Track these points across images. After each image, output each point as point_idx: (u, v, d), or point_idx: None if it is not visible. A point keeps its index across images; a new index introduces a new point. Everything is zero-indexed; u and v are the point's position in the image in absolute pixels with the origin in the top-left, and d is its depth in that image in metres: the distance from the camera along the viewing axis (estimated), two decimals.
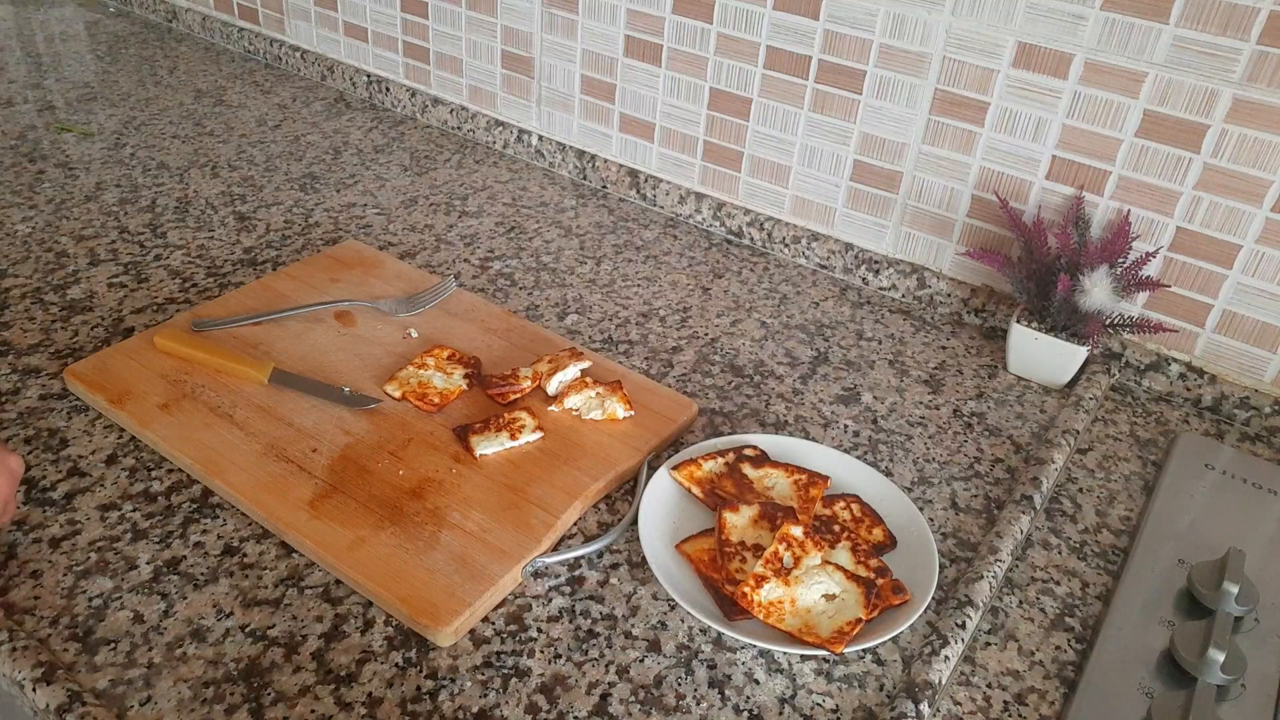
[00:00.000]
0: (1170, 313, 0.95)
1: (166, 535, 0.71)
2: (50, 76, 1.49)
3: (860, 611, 0.65)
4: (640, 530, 0.70)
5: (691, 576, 0.69)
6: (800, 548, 0.68)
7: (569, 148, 1.30)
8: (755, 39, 1.08)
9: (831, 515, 0.74)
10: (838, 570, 0.68)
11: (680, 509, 0.75)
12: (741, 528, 0.71)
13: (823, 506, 0.75)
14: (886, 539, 0.73)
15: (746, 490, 0.75)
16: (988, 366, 0.99)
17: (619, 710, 0.62)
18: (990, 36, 0.93)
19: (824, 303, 1.07)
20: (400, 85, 1.45)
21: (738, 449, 0.79)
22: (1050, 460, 0.84)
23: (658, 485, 0.75)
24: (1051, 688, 0.66)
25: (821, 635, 0.63)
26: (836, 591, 0.66)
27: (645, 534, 0.70)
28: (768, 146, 1.13)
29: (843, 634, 0.63)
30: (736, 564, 0.68)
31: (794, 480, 0.77)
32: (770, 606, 0.65)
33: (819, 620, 0.65)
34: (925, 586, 0.68)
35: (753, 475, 0.77)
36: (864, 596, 0.66)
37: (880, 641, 0.61)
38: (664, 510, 0.74)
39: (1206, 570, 0.73)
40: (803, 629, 0.64)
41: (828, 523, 0.73)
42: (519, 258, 1.11)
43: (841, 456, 0.80)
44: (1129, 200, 0.93)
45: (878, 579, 0.68)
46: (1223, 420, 0.94)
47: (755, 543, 0.70)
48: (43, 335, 0.91)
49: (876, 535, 0.73)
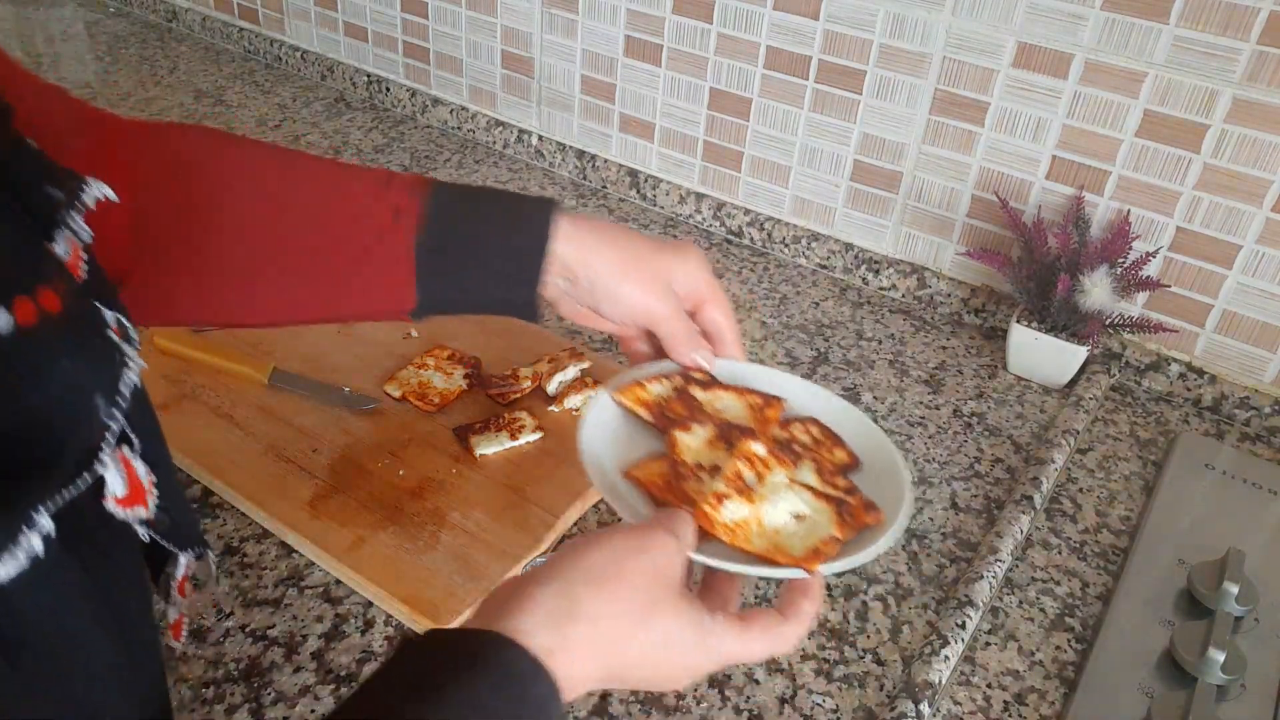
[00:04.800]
0: (1170, 313, 0.95)
1: None
2: (50, 76, 1.49)
3: (834, 529, 0.59)
4: (583, 459, 0.61)
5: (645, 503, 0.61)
6: (764, 465, 0.62)
7: (569, 148, 1.30)
8: (755, 39, 1.08)
9: (790, 437, 0.67)
10: (805, 489, 0.61)
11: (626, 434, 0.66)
12: (696, 449, 0.64)
13: (780, 429, 0.68)
14: (850, 459, 0.67)
15: (698, 413, 0.68)
16: (988, 366, 0.99)
17: (619, 710, 0.62)
18: (990, 36, 0.93)
19: (824, 303, 1.07)
20: (400, 85, 1.45)
21: (683, 371, 0.71)
22: (1050, 460, 0.84)
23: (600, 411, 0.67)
24: (1051, 688, 0.66)
25: (794, 555, 0.57)
26: (806, 510, 0.60)
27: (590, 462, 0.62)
28: (768, 146, 1.13)
29: (818, 553, 0.57)
30: (694, 484, 0.61)
31: (748, 402, 0.70)
32: (735, 527, 0.58)
33: (789, 541, 0.58)
34: (897, 504, 0.61)
35: (703, 398, 0.69)
36: (836, 514, 0.60)
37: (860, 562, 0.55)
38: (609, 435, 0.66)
39: (1206, 570, 0.73)
40: (772, 549, 0.57)
41: (787, 444, 0.66)
42: None
43: (792, 378, 0.73)
44: (1129, 200, 0.93)
45: (848, 497, 0.62)
46: (1223, 420, 0.94)
47: (713, 464, 0.63)
48: None
49: (839, 456, 0.67)
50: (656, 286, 0.63)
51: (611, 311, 0.63)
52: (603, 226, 0.62)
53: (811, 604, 0.50)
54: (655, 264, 0.63)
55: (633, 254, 0.62)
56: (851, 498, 0.61)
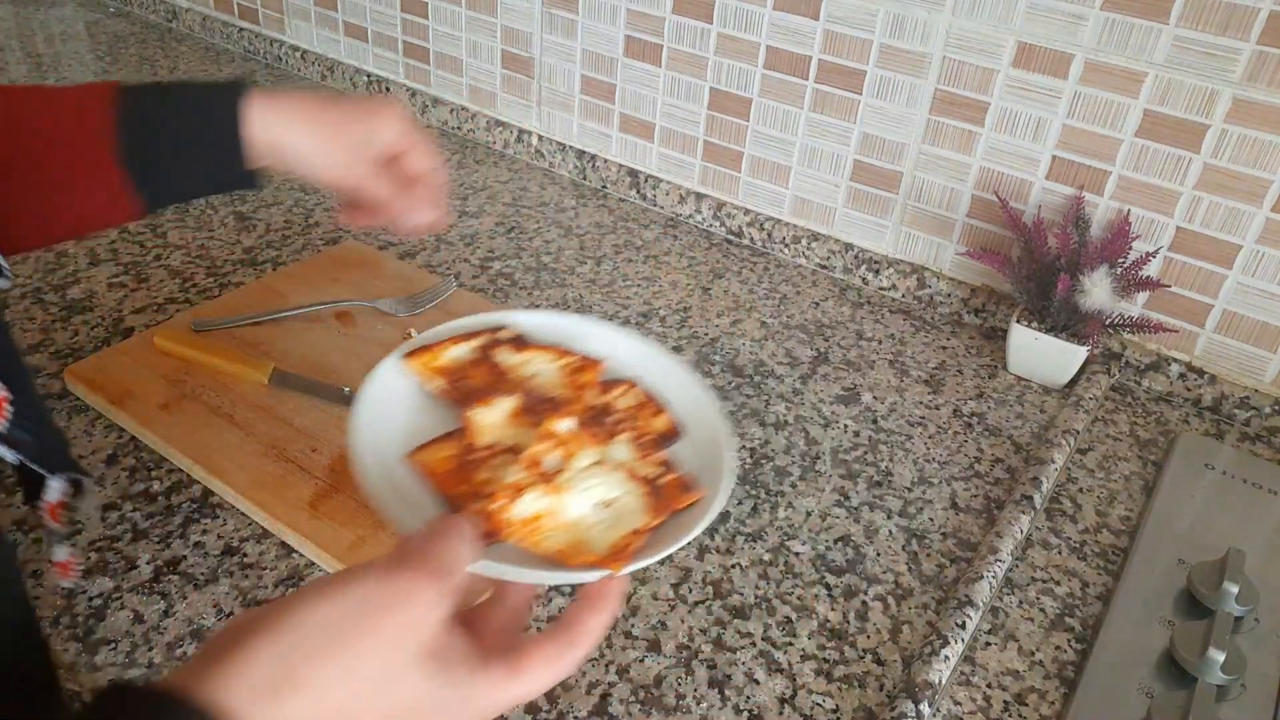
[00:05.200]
0: (1170, 313, 0.95)
1: (166, 535, 0.71)
2: (50, 76, 1.49)
3: (643, 518, 0.51)
4: (352, 439, 0.53)
5: (429, 497, 0.53)
6: (570, 445, 0.54)
7: (569, 148, 1.30)
8: (755, 39, 1.08)
9: (607, 404, 0.60)
10: (617, 469, 0.54)
11: (416, 409, 0.59)
12: (496, 427, 0.57)
13: (598, 394, 0.61)
14: (671, 428, 0.60)
15: (502, 381, 0.60)
16: (988, 366, 0.99)
17: (619, 710, 0.62)
18: (990, 36, 0.93)
19: (824, 303, 1.07)
20: (400, 85, 1.45)
21: (492, 329, 0.64)
22: (1050, 460, 0.84)
23: (384, 381, 0.59)
24: (1051, 688, 0.66)
25: (594, 554, 0.49)
26: (615, 495, 0.53)
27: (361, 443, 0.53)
28: (768, 146, 1.13)
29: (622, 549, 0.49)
30: (486, 473, 0.53)
31: (562, 365, 0.62)
32: (526, 525, 0.50)
33: (591, 535, 0.50)
34: (717, 480, 0.54)
35: (510, 362, 0.62)
36: (648, 498, 0.53)
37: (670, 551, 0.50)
38: (392, 411, 0.58)
39: (1206, 570, 0.73)
40: (570, 549, 0.49)
41: (601, 413, 0.59)
42: (519, 258, 1.11)
43: (620, 333, 0.66)
44: (1129, 200, 0.93)
45: (664, 475, 0.55)
46: (1223, 420, 0.94)
47: (514, 444, 0.55)
48: (43, 335, 0.91)
49: (660, 424, 0.60)
50: (350, 155, 0.65)
51: (315, 175, 0.65)
52: (296, 101, 0.64)
53: (601, 618, 0.44)
54: (350, 132, 0.65)
55: (327, 126, 0.64)
56: (667, 476, 0.55)
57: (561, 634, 0.42)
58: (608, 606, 0.44)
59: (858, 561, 0.74)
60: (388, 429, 0.56)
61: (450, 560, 0.39)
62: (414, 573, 0.38)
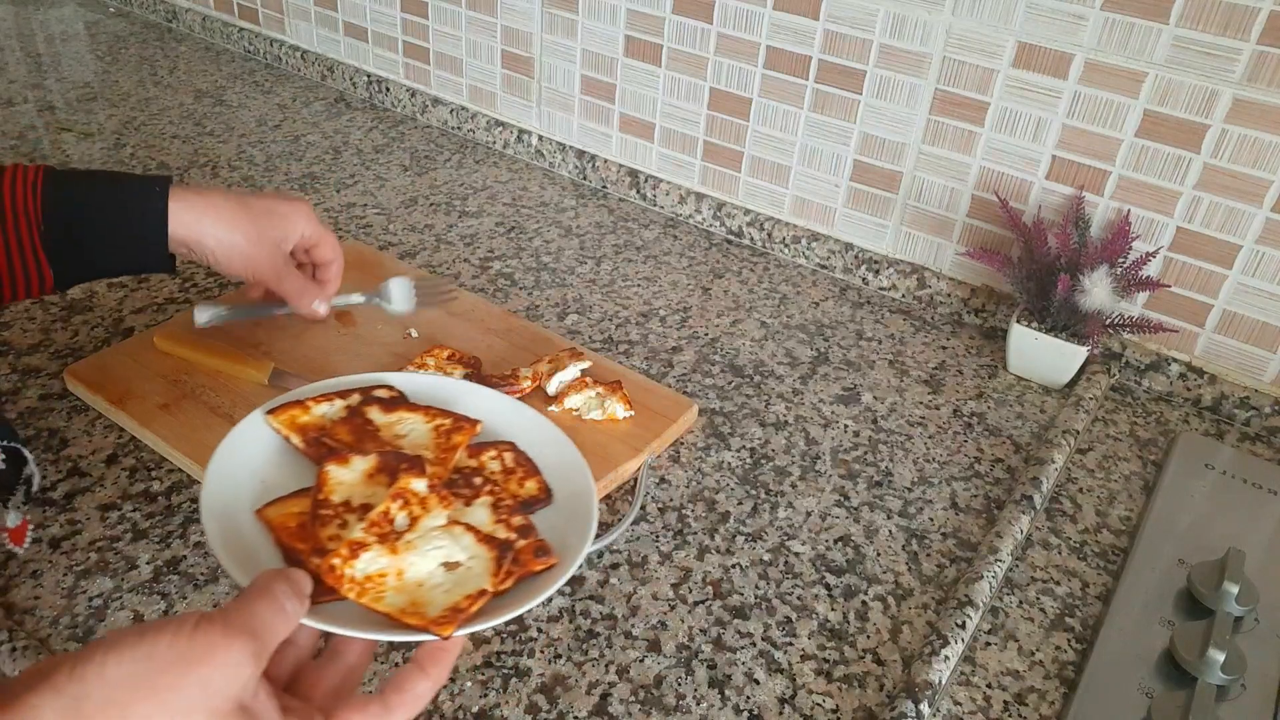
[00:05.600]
0: (1170, 313, 0.95)
1: (166, 535, 0.71)
2: (50, 76, 1.49)
3: (487, 581, 0.51)
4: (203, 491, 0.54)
5: (271, 549, 0.54)
6: (421, 505, 0.54)
7: (569, 148, 1.30)
8: (755, 39, 1.08)
9: (478, 466, 0.61)
10: (468, 532, 0.54)
11: (276, 464, 0.59)
12: (350, 484, 0.57)
13: (468, 456, 0.62)
14: (541, 492, 0.61)
15: (368, 439, 0.61)
16: (988, 366, 0.99)
17: (619, 710, 0.62)
18: (990, 36, 0.93)
19: (824, 303, 1.07)
20: (400, 85, 1.45)
21: (367, 389, 0.65)
22: (1050, 460, 0.84)
23: (247, 434, 0.60)
24: (1051, 688, 0.66)
25: (428, 616, 0.48)
26: (461, 558, 0.53)
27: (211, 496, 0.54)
28: (768, 146, 1.13)
29: (457, 611, 0.49)
30: (333, 530, 0.54)
31: (434, 426, 0.63)
32: (366, 583, 0.50)
33: (431, 596, 0.50)
34: (575, 549, 0.55)
35: (381, 421, 0.63)
36: (495, 563, 0.52)
37: (506, 617, 0.50)
38: (251, 466, 0.59)
39: (1206, 570, 0.73)
40: (406, 609, 0.49)
41: (469, 475, 0.60)
42: (519, 258, 1.11)
43: (498, 396, 0.67)
44: (1129, 200, 0.93)
45: (518, 540, 0.55)
46: (1223, 420, 0.94)
47: (366, 502, 0.56)
48: (43, 335, 0.91)
49: (530, 488, 0.61)
50: (263, 249, 0.71)
51: (229, 273, 0.72)
52: (212, 199, 0.70)
53: (427, 683, 0.44)
54: (262, 229, 0.72)
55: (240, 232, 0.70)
56: (524, 540, 0.55)
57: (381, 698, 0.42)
58: (435, 672, 0.44)
59: (858, 561, 0.74)
60: (243, 483, 0.57)
61: (266, 620, 0.39)
62: (220, 630, 0.36)
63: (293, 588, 0.41)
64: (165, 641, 0.35)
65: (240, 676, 0.37)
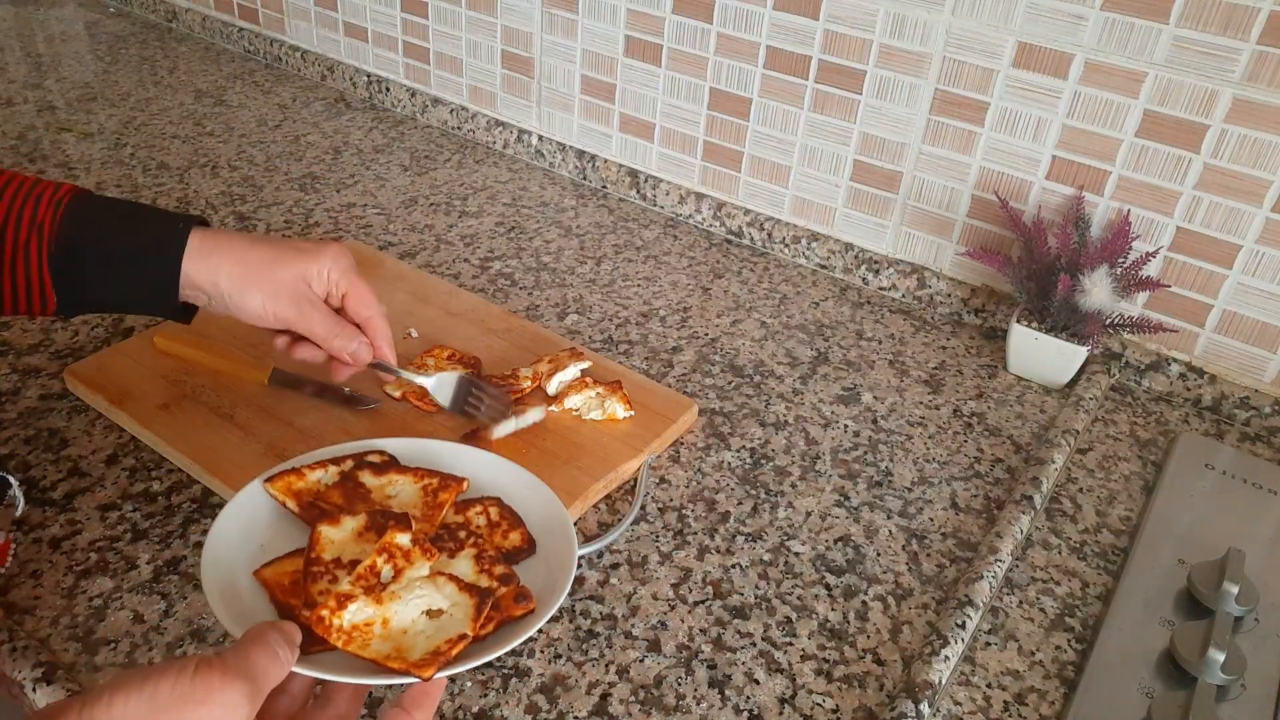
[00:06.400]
0: (1170, 313, 0.95)
1: (166, 535, 0.71)
2: (50, 76, 1.49)
3: (467, 626, 0.55)
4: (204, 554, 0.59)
5: (266, 606, 0.58)
6: (405, 558, 0.58)
7: (569, 148, 1.30)
8: (755, 39, 1.08)
9: (464, 521, 0.65)
10: (450, 582, 0.58)
11: (274, 529, 0.64)
12: (340, 543, 0.61)
13: (455, 513, 0.66)
14: (524, 543, 0.64)
15: (359, 501, 0.65)
16: (988, 366, 0.99)
17: (619, 710, 0.62)
18: (990, 36, 0.93)
19: (824, 303, 1.07)
20: (400, 85, 1.45)
21: (359, 455, 0.69)
22: (1050, 460, 0.84)
23: (246, 502, 0.64)
24: (1051, 688, 0.66)
25: (411, 659, 0.53)
26: (444, 606, 0.56)
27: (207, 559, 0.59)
28: (768, 146, 1.13)
29: (438, 654, 0.53)
30: (324, 585, 0.58)
31: (423, 486, 0.66)
32: (353, 632, 0.54)
33: (414, 642, 0.54)
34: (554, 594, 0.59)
35: (372, 484, 0.66)
36: (475, 609, 0.56)
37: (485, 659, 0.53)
38: (249, 530, 0.63)
39: (1206, 570, 0.73)
40: (390, 655, 0.53)
41: (455, 530, 0.64)
42: (519, 258, 1.11)
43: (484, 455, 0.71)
44: (1129, 200, 0.93)
45: (499, 588, 0.59)
46: (1223, 420, 0.94)
47: (355, 558, 0.60)
48: (43, 335, 0.91)
49: (513, 540, 0.64)
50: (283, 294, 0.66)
51: (244, 318, 0.66)
52: (232, 241, 0.65)
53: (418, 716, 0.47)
54: (281, 272, 0.65)
55: (256, 267, 0.65)
56: (505, 588, 0.59)
57: None
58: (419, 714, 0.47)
59: (858, 561, 0.74)
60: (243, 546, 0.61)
61: (258, 666, 0.42)
62: (219, 674, 0.39)
63: (284, 637, 0.44)
64: (168, 683, 0.38)
65: (236, 718, 0.40)
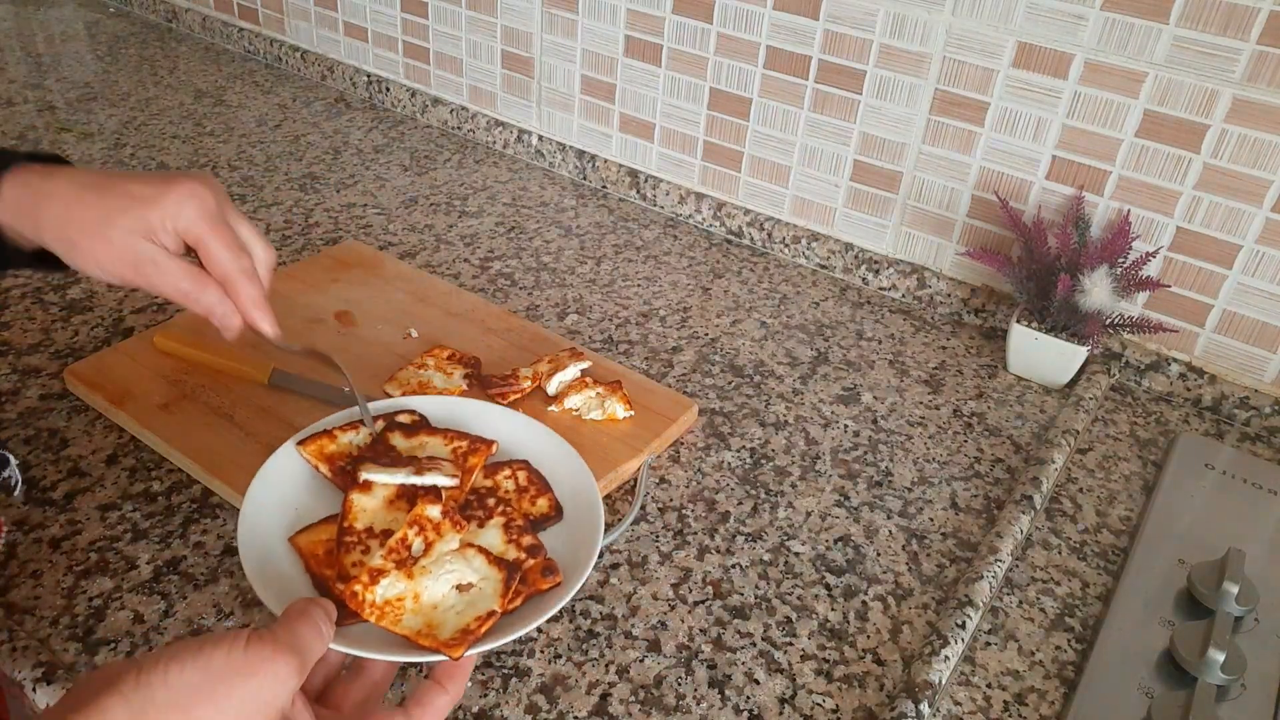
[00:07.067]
0: (1170, 313, 0.95)
1: (166, 535, 0.71)
2: (50, 76, 1.49)
3: (495, 603, 0.55)
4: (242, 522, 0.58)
5: (302, 576, 0.57)
6: (435, 530, 0.58)
7: (569, 148, 1.30)
8: (755, 39, 1.08)
9: (493, 486, 0.64)
10: (480, 554, 0.57)
11: (308, 493, 0.63)
12: (373, 511, 0.60)
13: (484, 476, 0.65)
14: (552, 510, 0.63)
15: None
16: (988, 366, 0.99)
17: (619, 710, 0.62)
18: (990, 36, 0.93)
19: (824, 303, 1.07)
20: (400, 85, 1.45)
21: (389, 415, 0.68)
22: (1050, 460, 0.84)
23: (280, 465, 0.63)
24: (1051, 688, 0.66)
25: (441, 637, 0.52)
26: (474, 580, 0.56)
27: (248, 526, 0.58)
28: (768, 146, 1.13)
29: (467, 633, 0.52)
30: (356, 556, 0.57)
31: (453, 448, 0.66)
32: (385, 607, 0.54)
33: (445, 618, 0.54)
34: (581, 566, 0.58)
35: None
36: (504, 584, 0.56)
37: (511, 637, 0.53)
38: (284, 495, 0.62)
39: (1206, 570, 0.73)
40: (422, 631, 0.53)
41: (484, 496, 0.63)
42: (519, 258, 1.11)
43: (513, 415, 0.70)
44: (1129, 200, 0.93)
45: (527, 560, 0.58)
46: (1223, 420, 0.94)
47: (387, 528, 0.60)
48: (43, 335, 0.91)
49: (541, 506, 0.64)
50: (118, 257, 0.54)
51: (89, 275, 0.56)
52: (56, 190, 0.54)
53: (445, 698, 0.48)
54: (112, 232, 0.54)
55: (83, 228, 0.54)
56: (533, 559, 0.58)
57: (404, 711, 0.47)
58: (452, 687, 0.48)
59: (858, 561, 0.74)
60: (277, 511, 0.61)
61: (305, 641, 0.43)
62: (270, 648, 0.41)
63: (326, 613, 0.46)
64: (222, 654, 0.39)
65: (285, 688, 0.41)
